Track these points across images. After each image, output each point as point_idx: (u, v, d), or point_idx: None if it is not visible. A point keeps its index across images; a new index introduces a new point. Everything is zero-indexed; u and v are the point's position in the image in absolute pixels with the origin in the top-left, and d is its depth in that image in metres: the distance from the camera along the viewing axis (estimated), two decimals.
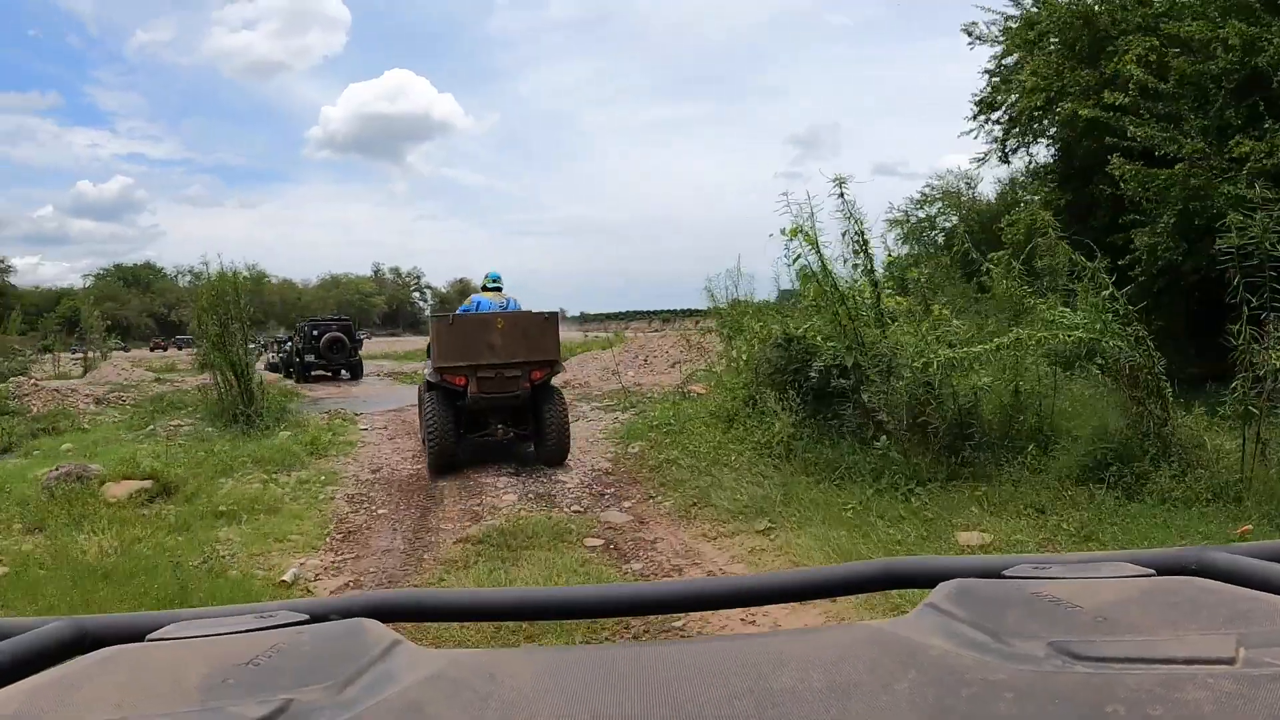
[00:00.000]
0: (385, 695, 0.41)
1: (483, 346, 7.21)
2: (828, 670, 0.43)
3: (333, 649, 0.48)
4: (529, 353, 7.34)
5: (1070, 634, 0.44)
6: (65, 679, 0.45)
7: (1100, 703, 0.36)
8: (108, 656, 0.49)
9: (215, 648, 0.50)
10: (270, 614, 0.56)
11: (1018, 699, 0.37)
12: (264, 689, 0.42)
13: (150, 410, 13.73)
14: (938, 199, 19.43)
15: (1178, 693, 0.36)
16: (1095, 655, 0.41)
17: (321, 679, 0.43)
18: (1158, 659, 0.40)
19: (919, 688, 0.40)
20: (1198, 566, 0.57)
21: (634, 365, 23.46)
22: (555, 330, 7.63)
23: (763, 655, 0.46)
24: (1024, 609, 0.49)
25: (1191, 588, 0.51)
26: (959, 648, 0.44)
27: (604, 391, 15.97)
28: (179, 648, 0.50)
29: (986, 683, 0.39)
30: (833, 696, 0.40)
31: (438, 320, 7.66)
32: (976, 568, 0.59)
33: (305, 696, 0.41)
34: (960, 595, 0.52)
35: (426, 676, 0.43)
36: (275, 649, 0.48)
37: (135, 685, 0.44)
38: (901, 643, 0.46)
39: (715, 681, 0.42)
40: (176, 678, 0.44)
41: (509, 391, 7.30)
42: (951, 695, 0.39)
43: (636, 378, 19.96)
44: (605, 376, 19.82)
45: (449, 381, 7.24)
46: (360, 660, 0.45)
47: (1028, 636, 0.44)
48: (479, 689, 0.42)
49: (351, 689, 0.42)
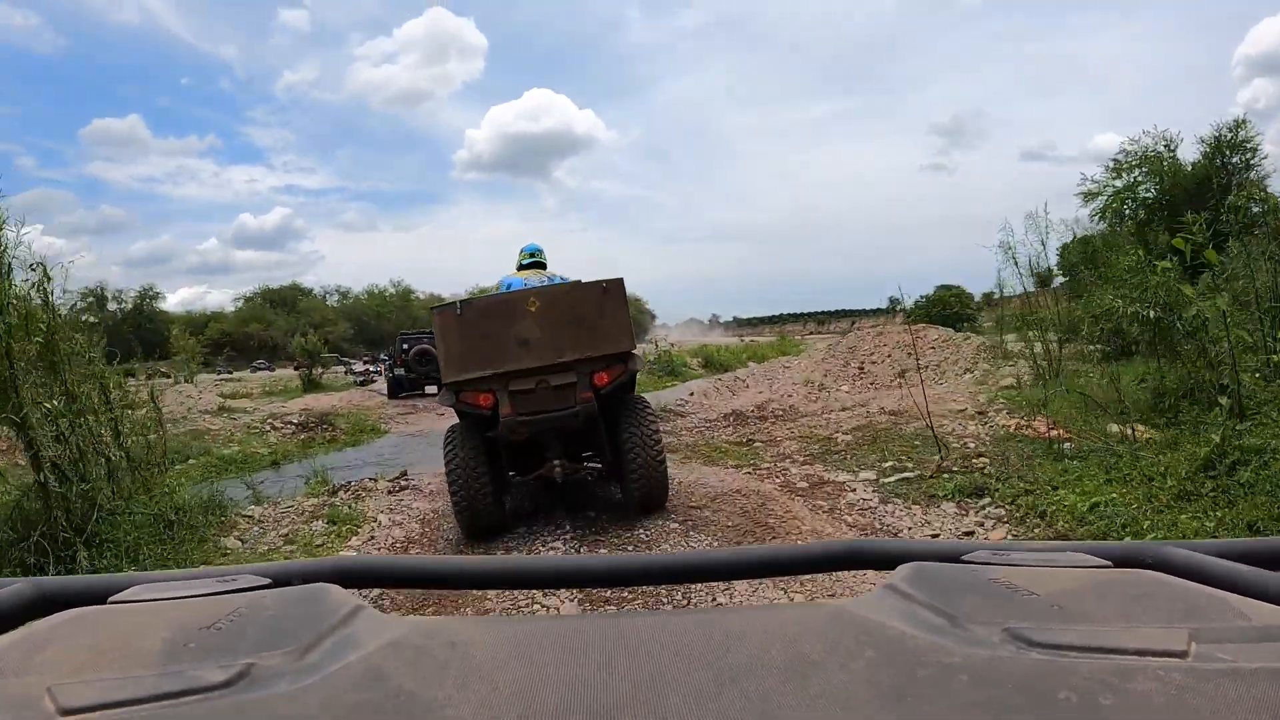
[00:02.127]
0: (346, 661, 0.41)
1: (512, 343, 4.69)
2: (787, 646, 0.43)
3: (295, 614, 0.48)
4: (584, 345, 4.75)
5: (1025, 620, 0.44)
6: (26, 640, 0.45)
7: (1053, 689, 0.36)
8: (69, 619, 0.48)
9: (177, 611, 0.49)
10: (232, 578, 0.56)
11: (972, 682, 0.38)
12: (225, 653, 0.42)
13: None
14: (1135, 165, 17.41)
15: (1129, 683, 0.37)
16: (1049, 642, 0.41)
17: (283, 644, 0.43)
18: (1111, 649, 0.40)
19: (876, 667, 0.40)
20: (1154, 561, 0.57)
21: (844, 377, 17.67)
22: (623, 308, 4.89)
23: (723, 629, 0.46)
24: (981, 594, 0.49)
25: (1147, 581, 0.52)
26: (916, 629, 0.44)
27: (858, 437, 8.92)
28: (141, 611, 0.50)
29: (942, 665, 0.39)
30: (791, 672, 0.40)
31: (442, 311, 4.88)
32: (937, 552, 0.60)
33: (266, 661, 0.41)
34: (919, 578, 0.52)
35: (388, 643, 0.44)
36: (237, 613, 0.47)
37: (96, 648, 0.43)
38: (860, 622, 0.46)
39: (676, 654, 0.42)
40: (138, 641, 0.44)
41: (560, 408, 4.75)
42: (907, 676, 0.39)
43: (859, 395, 14.62)
44: (813, 395, 15.01)
45: (470, 403, 4.79)
46: (322, 626, 0.45)
47: (983, 621, 0.44)
48: (440, 656, 0.42)
49: (313, 654, 0.42)
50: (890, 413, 11.16)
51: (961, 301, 43.16)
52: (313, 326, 73.98)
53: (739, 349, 38.16)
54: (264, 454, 11.50)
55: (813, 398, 14.69)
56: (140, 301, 75.53)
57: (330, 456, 11.81)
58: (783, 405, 13.34)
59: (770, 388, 16.60)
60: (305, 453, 12.11)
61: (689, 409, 13.57)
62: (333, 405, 19.67)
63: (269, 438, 12.68)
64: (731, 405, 13.89)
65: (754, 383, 17.45)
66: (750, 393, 16.40)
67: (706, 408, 13.52)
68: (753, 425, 10.97)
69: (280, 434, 12.98)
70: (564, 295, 4.93)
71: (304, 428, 13.41)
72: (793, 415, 12.27)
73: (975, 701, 0.36)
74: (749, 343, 51.74)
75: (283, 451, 11.85)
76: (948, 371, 17.79)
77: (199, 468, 10.64)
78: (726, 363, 29.85)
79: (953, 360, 18.53)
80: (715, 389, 16.11)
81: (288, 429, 13.23)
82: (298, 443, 12.52)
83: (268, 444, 12.25)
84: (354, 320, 79.25)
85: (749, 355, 34.22)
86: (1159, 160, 17.34)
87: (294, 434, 13.07)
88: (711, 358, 29.63)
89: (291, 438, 12.84)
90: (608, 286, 4.92)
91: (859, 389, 16.25)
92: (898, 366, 17.45)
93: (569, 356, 4.82)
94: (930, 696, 0.37)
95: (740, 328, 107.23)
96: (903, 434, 8.87)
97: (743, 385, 17.18)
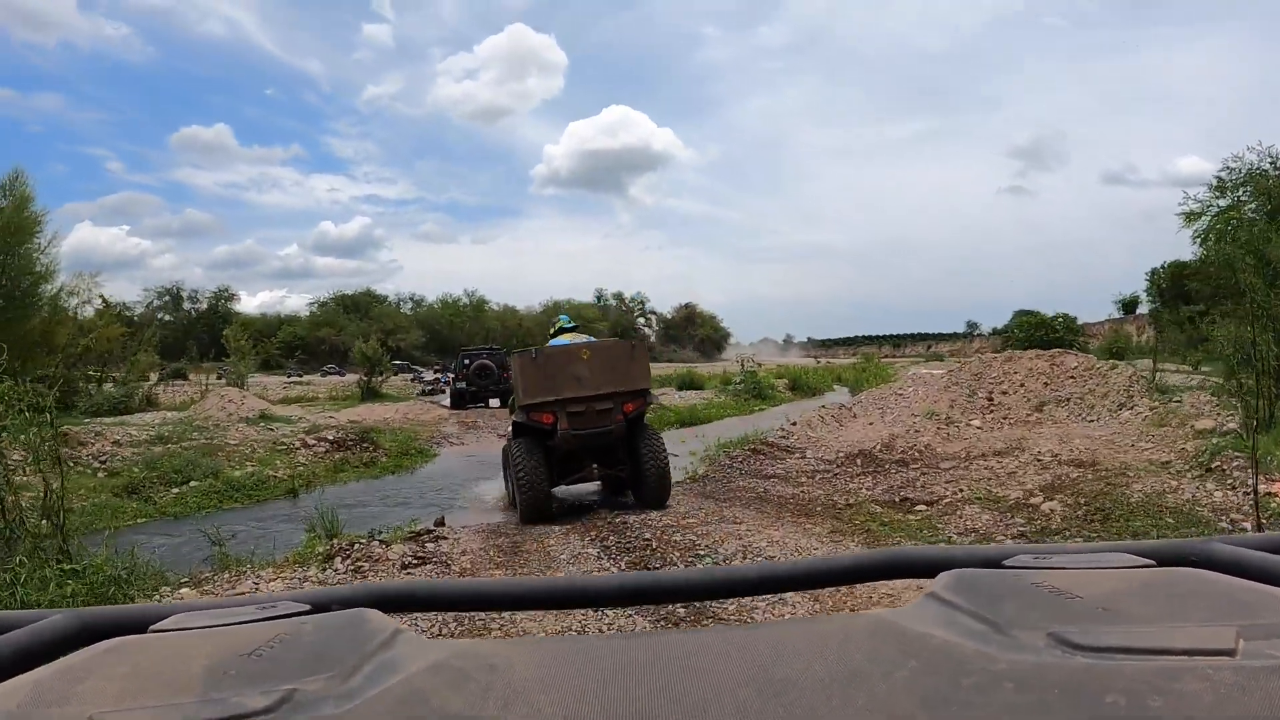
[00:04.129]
0: (387, 685, 0.41)
1: (569, 379, 6.52)
2: (829, 659, 0.42)
3: (335, 639, 0.48)
4: (619, 383, 6.62)
5: (1070, 624, 0.43)
6: (68, 671, 0.44)
7: (1100, 693, 0.36)
8: (111, 648, 0.48)
9: (218, 639, 0.49)
10: (273, 605, 0.56)
11: (1018, 689, 0.37)
12: (267, 680, 0.41)
13: None
14: (1240, 184, 16.28)
15: (1177, 684, 0.36)
16: (1095, 645, 0.40)
17: (324, 669, 0.42)
18: (1157, 650, 0.39)
19: (919, 677, 0.40)
20: (1199, 558, 0.56)
21: (972, 409, 14.35)
22: (645, 359, 7.04)
23: (765, 645, 0.46)
24: (1024, 599, 0.48)
25: (1192, 579, 0.51)
26: (959, 638, 0.44)
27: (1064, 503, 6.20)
28: (182, 639, 0.50)
29: (987, 673, 0.39)
30: (835, 685, 0.39)
31: (521, 355, 6.93)
32: (977, 558, 0.59)
33: (308, 687, 0.40)
34: (961, 585, 0.51)
35: (428, 666, 0.43)
36: (278, 639, 0.47)
37: (138, 676, 0.43)
38: (902, 632, 0.45)
39: (717, 671, 0.42)
40: (179, 669, 0.44)
41: (601, 426, 6.58)
42: (952, 685, 0.38)
43: (999, 432, 11.99)
44: (941, 430, 12.23)
45: (537, 420, 6.54)
46: (362, 650, 0.45)
47: (1028, 627, 0.43)
48: (480, 679, 0.42)
49: (354, 679, 0.41)
50: (1073, 463, 8.53)
51: (1067, 326, 39.29)
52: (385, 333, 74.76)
53: (824, 371, 35.34)
54: (283, 478, 9.53)
55: (944, 434, 12.05)
56: (215, 302, 77.21)
57: (359, 486, 9.80)
58: (913, 443, 10.76)
59: (883, 418, 13.98)
60: (335, 477, 10.13)
61: (797, 442, 11.09)
62: (385, 418, 17.87)
63: (297, 457, 10.76)
64: (848, 440, 11.36)
65: (861, 412, 14.82)
66: (860, 424, 13.82)
67: (818, 443, 11.03)
68: (894, 473, 8.48)
69: (311, 453, 11.04)
70: (607, 348, 6.84)
71: (340, 446, 11.47)
72: (934, 459, 9.70)
73: (1021, 709, 0.35)
74: (825, 364, 48.80)
75: (308, 475, 9.92)
76: (1096, 406, 14.78)
77: (198, 493, 8.70)
78: (814, 385, 27.16)
79: (1100, 393, 15.45)
80: (820, 419, 13.58)
81: (321, 447, 11.27)
82: (328, 465, 10.57)
83: (293, 464, 10.34)
84: (427, 328, 78.94)
85: (834, 378, 31.37)
86: (1265, 178, 15.61)
87: (327, 453, 11.12)
88: (799, 380, 26.94)
89: (324, 458, 10.90)
90: (635, 344, 7.14)
91: (991, 423, 13.50)
92: (1032, 397, 14.61)
93: (608, 390, 6.47)
94: (975, 705, 0.36)
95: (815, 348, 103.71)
96: (1128, 500, 6.25)
97: (849, 414, 14.58)
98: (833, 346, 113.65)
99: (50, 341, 22.00)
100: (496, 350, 23.80)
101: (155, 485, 8.76)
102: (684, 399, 21.51)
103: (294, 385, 44.48)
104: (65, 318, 23.17)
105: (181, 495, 8.62)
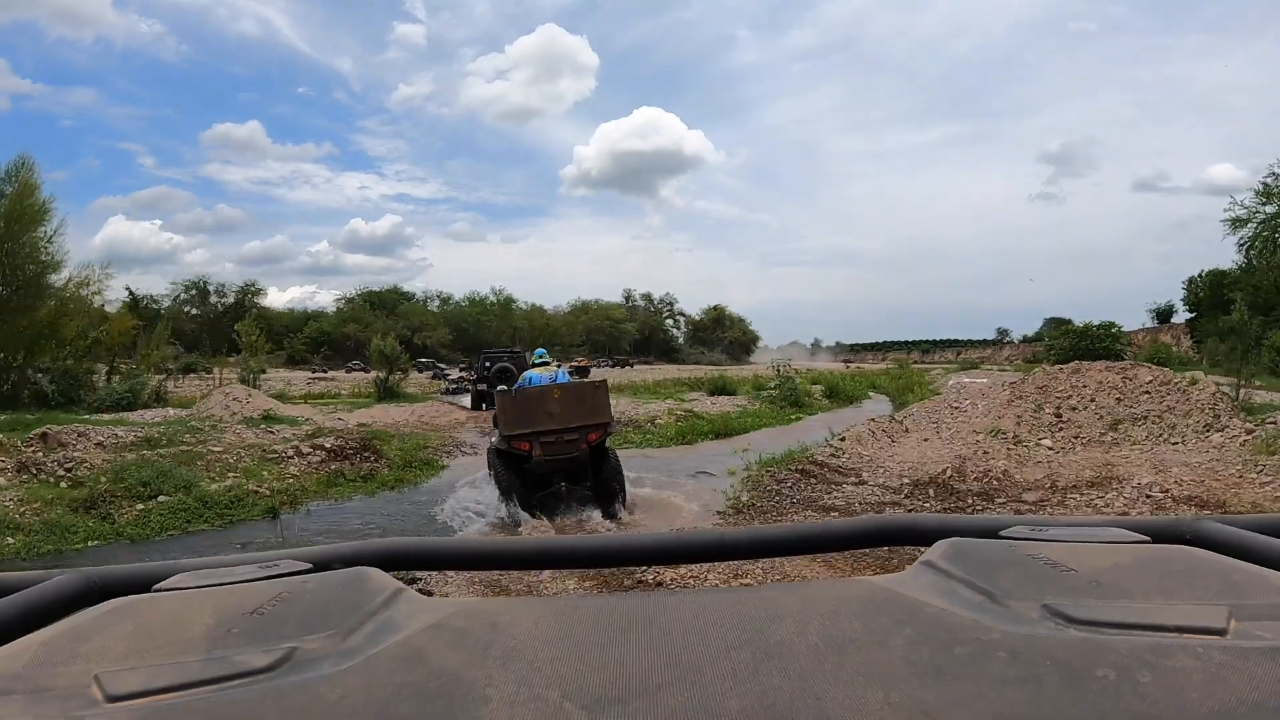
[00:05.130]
0: (388, 644, 0.41)
1: (543, 414, 7.52)
2: (824, 624, 0.43)
3: (336, 598, 0.48)
4: (584, 417, 7.62)
5: (1063, 597, 0.44)
6: (75, 630, 0.45)
7: (1091, 666, 0.36)
8: (116, 607, 0.49)
9: (220, 598, 0.49)
10: (274, 563, 0.57)
11: (1010, 659, 0.38)
12: (268, 638, 0.42)
13: None
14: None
15: (1168, 660, 0.36)
16: (1087, 619, 0.41)
17: (325, 628, 0.43)
18: (1149, 626, 0.40)
19: (914, 645, 0.40)
20: (1192, 536, 0.57)
21: (1038, 425, 12.76)
22: (605, 396, 7.92)
23: (760, 608, 0.46)
24: (1019, 570, 0.49)
25: (1186, 557, 0.51)
26: (954, 606, 0.44)
27: None
28: (185, 598, 0.50)
29: (980, 642, 0.39)
30: (829, 650, 0.40)
31: (502, 395, 8.20)
32: (973, 527, 0.60)
33: (309, 645, 0.41)
34: (956, 554, 0.52)
35: (429, 625, 0.44)
36: (280, 598, 0.48)
37: (143, 635, 0.44)
38: (897, 599, 0.46)
39: (714, 633, 0.43)
40: (183, 627, 0.44)
41: (568, 453, 7.58)
42: (945, 653, 0.39)
43: (1077, 454, 10.86)
44: (1009, 449, 11.07)
45: (516, 448, 7.52)
46: (363, 609, 0.46)
47: (1022, 598, 0.44)
48: (480, 637, 0.43)
49: (354, 637, 0.42)
50: (1191, 501, 7.16)
51: (1112, 336, 37.07)
52: (411, 330, 74.24)
53: (860, 377, 33.81)
54: (266, 494, 8.41)
55: (1016, 456, 10.66)
56: (242, 296, 76.81)
57: (352, 504, 8.65)
58: (985, 468, 9.39)
59: (939, 434, 12.59)
60: (326, 492, 9.00)
61: (849, 462, 9.75)
62: (398, 421, 16.79)
63: (288, 467, 9.66)
64: (905, 460, 10.01)
65: (914, 426, 13.43)
66: (913, 440, 12.44)
67: (874, 464, 9.69)
68: (975, 506, 7.11)
69: (305, 462, 9.93)
70: (574, 388, 8.07)
71: (337, 455, 10.35)
72: (1013, 488, 8.33)
73: (1013, 679, 0.36)
74: (856, 369, 47.09)
75: (295, 490, 8.79)
76: (1178, 426, 13.24)
77: (165, 510, 7.59)
78: (851, 393, 25.69)
79: (1181, 411, 13.88)
80: (870, 434, 12.22)
81: (316, 456, 10.15)
82: (321, 478, 9.44)
83: (281, 476, 9.23)
84: (453, 326, 78.29)
85: (869, 384, 29.79)
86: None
87: (322, 464, 10.00)
88: (836, 387, 25.46)
89: (318, 469, 9.78)
90: (597, 385, 8.12)
91: (1063, 443, 12.09)
92: (1105, 415, 13.15)
93: (576, 423, 7.63)
94: (968, 674, 0.36)
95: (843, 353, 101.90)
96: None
97: (899, 429, 13.20)
98: (861, 351, 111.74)
99: (58, 333, 21.36)
100: (518, 353, 23.89)
101: (119, 499, 7.68)
102: (716, 405, 20.17)
103: (318, 381, 44.03)
104: (76, 309, 22.60)
105: (145, 513, 7.53)
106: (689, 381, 32.17)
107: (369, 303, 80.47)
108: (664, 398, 23.48)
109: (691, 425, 15.39)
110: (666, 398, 23.30)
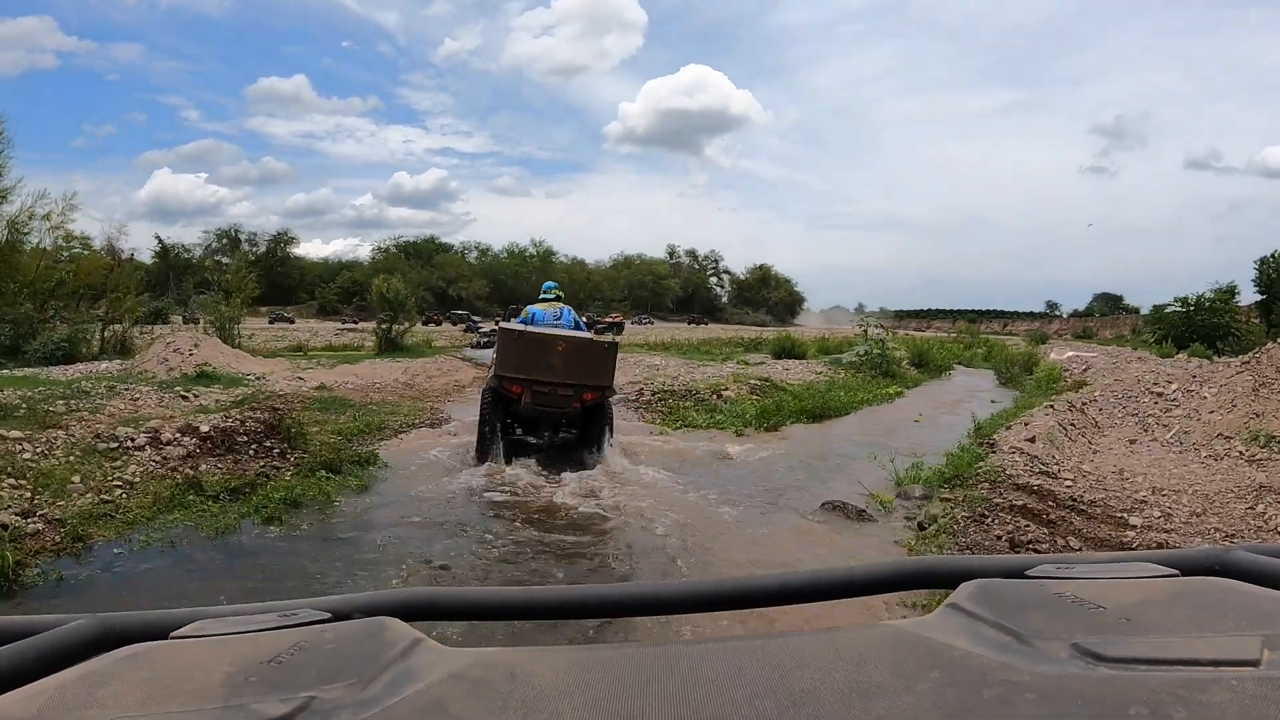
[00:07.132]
0: (407, 694, 0.40)
1: (542, 363, 7.06)
2: (850, 670, 0.42)
3: (355, 647, 0.47)
4: (584, 377, 7.15)
5: (1093, 635, 0.43)
6: (90, 676, 0.44)
7: (1123, 705, 0.35)
8: (132, 654, 0.48)
9: (238, 646, 0.49)
10: (293, 612, 0.55)
11: (1040, 700, 0.37)
12: (286, 687, 0.41)
13: None
14: None
15: (1201, 695, 0.35)
16: (1118, 656, 0.40)
17: (343, 677, 0.42)
18: (1181, 660, 0.39)
19: (941, 688, 0.39)
20: (1221, 567, 0.55)
21: (1121, 423, 9.23)
22: (613, 360, 7.35)
23: (785, 655, 0.45)
24: (1047, 609, 0.47)
25: (1216, 588, 0.50)
26: (981, 648, 0.43)
27: None
28: (202, 645, 0.50)
29: (1009, 684, 0.38)
30: (855, 697, 0.39)
31: (505, 331, 7.40)
32: (999, 567, 0.58)
33: (327, 695, 0.40)
34: (983, 595, 0.51)
35: (448, 675, 0.43)
36: (298, 647, 0.47)
37: (159, 683, 0.43)
38: (924, 643, 0.45)
39: (738, 682, 0.42)
40: (200, 676, 0.44)
41: (559, 408, 7.26)
42: (974, 696, 0.38)
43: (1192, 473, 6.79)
44: None
45: (506, 389, 7.19)
46: (382, 659, 0.45)
47: (1051, 637, 0.43)
48: (500, 688, 0.42)
49: (373, 687, 0.41)
50: None
51: (1228, 310, 31.30)
52: (446, 281, 70.87)
53: (950, 344, 29.25)
54: (34, 528, 4.52)
55: None
56: (274, 245, 74.44)
57: (174, 552, 4.72)
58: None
59: (1164, 436, 8.27)
60: (155, 519, 5.09)
61: (1076, 486, 5.54)
62: (380, 381, 12.95)
63: (129, 466, 5.77)
64: (1156, 484, 5.78)
65: (1105, 420, 9.11)
66: (1116, 440, 8.17)
67: (1104, 484, 5.45)
68: None
69: (159, 456, 6.03)
70: (582, 344, 7.23)
71: (217, 445, 6.42)
72: None
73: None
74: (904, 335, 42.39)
75: (103, 514, 4.89)
76: None
77: None
78: (941, 362, 21.22)
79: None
80: (1061, 430, 7.97)
81: (180, 447, 6.23)
82: (166, 487, 5.53)
83: (104, 484, 5.36)
84: (491, 278, 74.74)
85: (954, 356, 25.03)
86: None
87: (186, 459, 6.08)
88: (925, 354, 20.96)
89: (174, 470, 5.87)
90: (608, 346, 7.29)
91: (1190, 461, 7.74)
92: (1230, 412, 8.78)
93: (573, 380, 7.10)
94: (997, 717, 0.36)
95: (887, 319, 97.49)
96: None
97: (1089, 423, 8.90)
98: (905, 318, 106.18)
99: (14, 273, 18.26)
100: None
101: None
102: (788, 371, 15.94)
103: (346, 332, 40.82)
104: (37, 249, 19.52)
105: None
106: (744, 341, 27.96)
107: (404, 253, 77.42)
108: (720, 359, 19.34)
109: (775, 401, 11.24)
110: (724, 360, 19.16)
